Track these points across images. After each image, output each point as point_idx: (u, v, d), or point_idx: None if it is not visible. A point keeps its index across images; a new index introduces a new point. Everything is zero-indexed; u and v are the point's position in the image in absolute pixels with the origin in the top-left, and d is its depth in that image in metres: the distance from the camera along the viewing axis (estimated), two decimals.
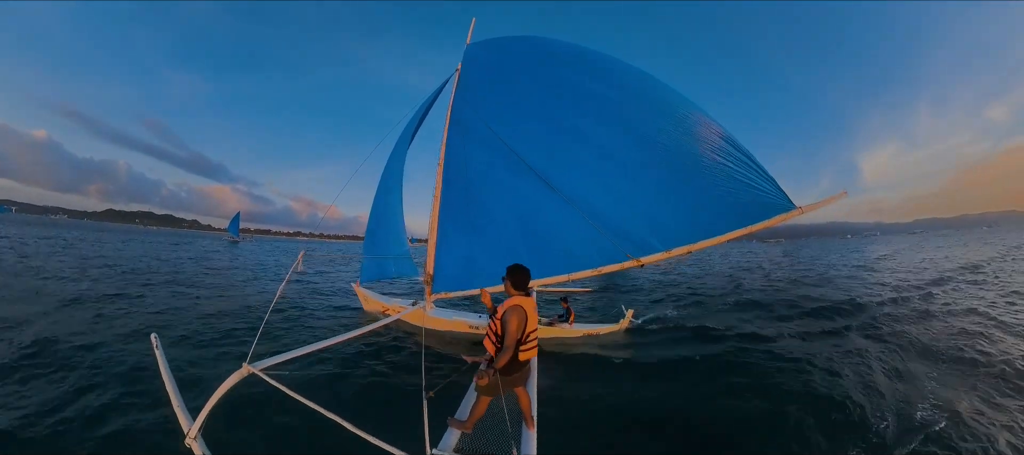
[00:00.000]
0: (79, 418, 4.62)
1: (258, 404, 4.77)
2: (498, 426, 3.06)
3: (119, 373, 5.79)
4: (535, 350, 3.14)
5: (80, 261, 19.01)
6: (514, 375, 3.03)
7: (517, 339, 2.90)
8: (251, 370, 2.58)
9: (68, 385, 5.38)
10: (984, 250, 34.27)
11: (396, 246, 9.27)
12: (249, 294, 13.14)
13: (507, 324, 2.88)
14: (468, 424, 3.07)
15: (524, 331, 2.93)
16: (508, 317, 2.88)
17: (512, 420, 2.98)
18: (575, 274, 5.41)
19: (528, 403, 3.21)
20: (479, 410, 3.06)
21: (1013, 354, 7.17)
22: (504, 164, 6.01)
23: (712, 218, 4.62)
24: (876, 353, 7.41)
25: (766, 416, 5.16)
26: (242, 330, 8.33)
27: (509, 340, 2.86)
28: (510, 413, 2.94)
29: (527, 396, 3.26)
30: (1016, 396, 5.66)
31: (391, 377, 6.21)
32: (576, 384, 6.09)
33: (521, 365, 3.08)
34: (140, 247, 33.55)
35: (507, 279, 3.13)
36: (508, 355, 2.86)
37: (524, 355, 3.02)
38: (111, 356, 6.41)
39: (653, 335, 9.06)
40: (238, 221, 68.54)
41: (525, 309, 2.93)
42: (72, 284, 12.47)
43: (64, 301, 9.93)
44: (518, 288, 3.07)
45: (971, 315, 10.26)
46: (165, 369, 3.02)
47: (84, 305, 9.73)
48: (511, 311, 2.89)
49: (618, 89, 5.64)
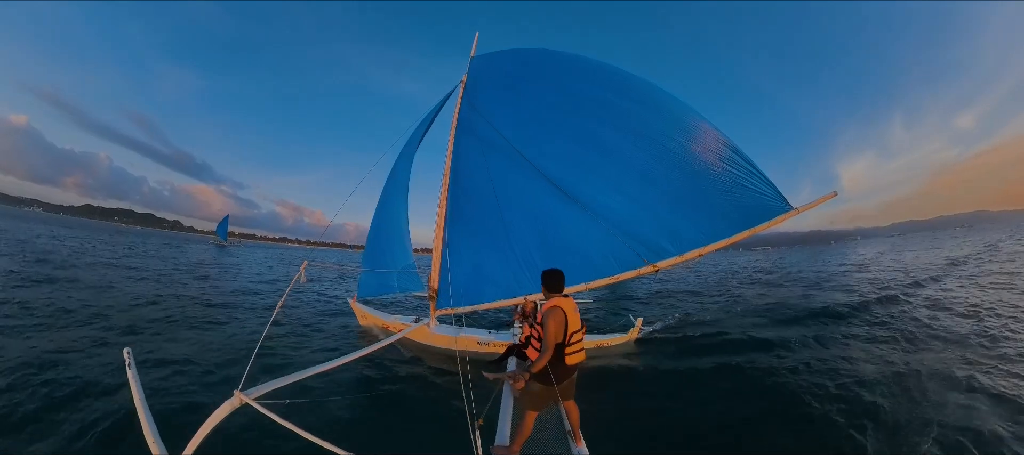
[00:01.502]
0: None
1: (254, 439, 4.22)
2: (543, 442, 2.85)
3: (83, 394, 5.18)
4: (582, 353, 3.00)
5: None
6: (563, 383, 2.88)
7: (558, 341, 2.81)
8: (244, 399, 2.24)
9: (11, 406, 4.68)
10: (963, 248, 35.61)
11: (401, 258, 8.91)
12: (248, 312, 12.54)
13: (546, 325, 2.80)
14: (515, 447, 2.86)
15: (566, 332, 2.82)
16: (547, 318, 2.82)
17: (557, 433, 2.77)
18: (593, 283, 5.35)
19: (577, 416, 3.04)
20: (526, 428, 2.86)
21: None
22: (519, 172, 5.99)
23: (720, 221, 4.76)
24: (884, 351, 7.51)
25: (786, 421, 5.16)
26: (236, 351, 7.84)
27: (549, 340, 2.77)
28: (554, 426, 2.73)
29: (577, 410, 3.08)
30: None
31: (403, 402, 5.87)
32: (595, 397, 5.89)
33: (569, 371, 2.94)
34: (126, 248, 32.05)
35: (543, 285, 3.08)
36: (547, 357, 2.76)
37: (571, 359, 2.89)
38: (76, 375, 5.74)
39: (664, 345, 8.97)
40: (227, 224, 66.36)
41: (565, 309, 2.85)
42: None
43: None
44: (553, 291, 3.02)
45: (964, 304, 10.48)
46: (138, 392, 2.57)
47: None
48: (550, 312, 2.85)
49: (628, 98, 5.74)
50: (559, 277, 3.05)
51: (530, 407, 2.86)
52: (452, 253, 6.77)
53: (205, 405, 5.07)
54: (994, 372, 6.26)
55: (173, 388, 5.81)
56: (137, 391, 2.57)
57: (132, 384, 2.63)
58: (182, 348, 7.68)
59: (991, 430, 4.61)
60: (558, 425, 3.11)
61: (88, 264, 18.53)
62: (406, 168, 8.69)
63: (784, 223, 4.55)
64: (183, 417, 4.86)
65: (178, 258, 27.74)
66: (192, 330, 9.04)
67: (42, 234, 34.61)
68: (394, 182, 8.82)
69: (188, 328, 9.19)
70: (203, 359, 7.15)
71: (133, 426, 4.03)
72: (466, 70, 7.72)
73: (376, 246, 9.14)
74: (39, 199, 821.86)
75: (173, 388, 5.81)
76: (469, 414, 2.59)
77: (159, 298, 12.33)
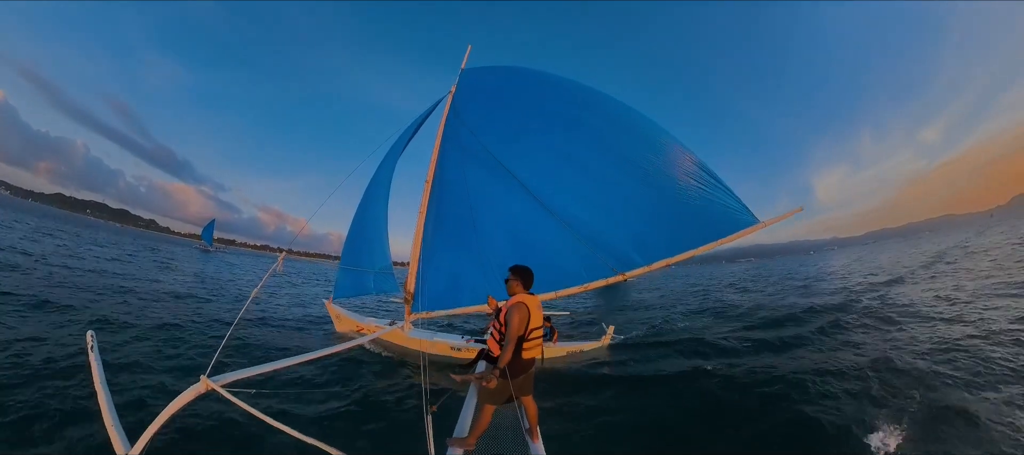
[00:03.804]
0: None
1: (217, 427, 4.21)
2: (501, 440, 2.95)
3: (42, 378, 5.00)
4: (539, 349, 3.12)
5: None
6: (520, 377, 2.98)
7: (520, 335, 2.90)
8: (211, 385, 2.20)
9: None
10: (930, 248, 37.34)
11: (379, 259, 8.93)
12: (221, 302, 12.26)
13: (510, 319, 2.88)
14: (470, 440, 2.97)
15: (527, 327, 2.93)
16: (511, 313, 2.89)
17: (515, 432, 2.88)
18: (563, 291, 5.57)
19: (535, 413, 3.13)
20: (483, 422, 2.96)
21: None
22: (498, 182, 6.20)
23: (688, 233, 5.05)
24: (848, 352, 7.87)
25: (743, 418, 5.43)
26: (205, 339, 7.69)
27: (511, 334, 2.85)
28: (512, 424, 2.84)
29: (535, 407, 3.18)
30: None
31: (370, 398, 5.96)
32: (563, 399, 6.11)
33: (526, 365, 3.05)
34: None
35: (512, 279, 3.16)
36: (510, 349, 2.84)
37: (528, 353, 3.01)
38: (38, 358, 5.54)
39: (634, 350, 9.24)
40: (213, 228, 63.12)
41: (528, 305, 2.96)
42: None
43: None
44: (520, 285, 3.12)
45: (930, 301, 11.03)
46: (99, 375, 2.52)
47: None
48: (514, 307, 2.92)
49: (603, 118, 6.04)
50: (529, 273, 3.16)
51: (487, 400, 2.95)
52: (430, 259, 6.89)
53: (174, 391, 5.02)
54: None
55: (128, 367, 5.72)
56: (98, 373, 2.54)
57: (93, 367, 2.58)
58: (148, 331, 7.54)
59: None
60: (516, 423, 3.19)
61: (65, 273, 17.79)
62: (389, 172, 8.74)
63: (764, 235, 4.87)
64: (150, 403, 4.76)
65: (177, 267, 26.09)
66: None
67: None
68: (377, 184, 8.85)
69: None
70: (167, 342, 7.05)
71: (93, 410, 3.93)
72: (455, 82, 7.87)
73: (355, 246, 9.11)
74: (7, 181, 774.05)
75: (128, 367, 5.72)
76: (425, 402, 2.67)
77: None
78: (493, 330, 3.17)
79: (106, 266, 17.38)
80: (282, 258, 5.25)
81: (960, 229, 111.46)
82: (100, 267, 16.62)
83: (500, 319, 3.06)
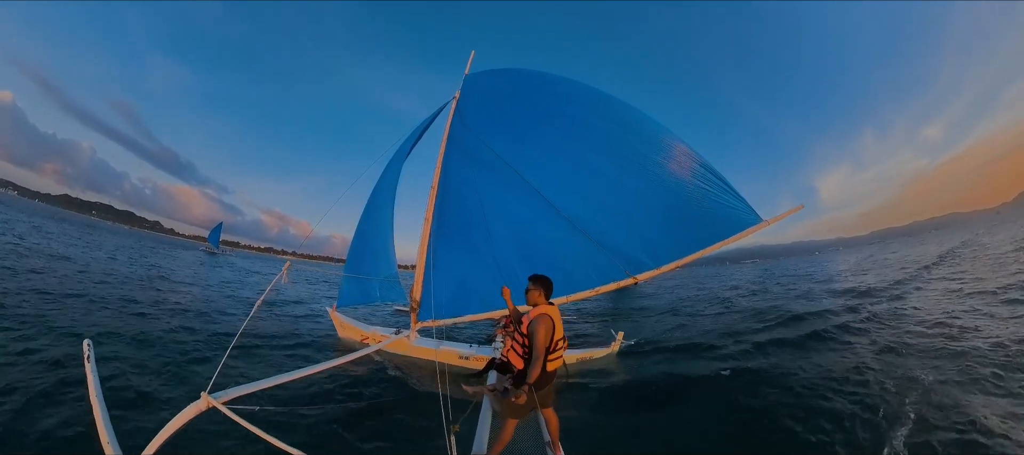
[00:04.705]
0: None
1: (218, 445, 4.03)
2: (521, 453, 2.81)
3: (36, 387, 4.82)
4: (561, 359, 3.01)
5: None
6: (543, 390, 2.88)
7: (546, 347, 2.78)
8: (212, 402, 2.14)
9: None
10: (934, 249, 36.79)
11: (384, 267, 8.79)
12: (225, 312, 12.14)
13: (535, 333, 2.76)
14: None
15: (552, 339, 2.82)
16: (536, 326, 2.77)
17: (535, 443, 2.73)
18: (575, 295, 5.42)
19: (556, 425, 3.03)
20: (506, 436, 2.86)
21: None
22: (505, 186, 6.11)
23: (696, 234, 4.97)
24: (863, 352, 7.68)
25: (762, 428, 5.23)
26: (207, 351, 7.52)
27: (538, 349, 2.73)
28: (532, 437, 2.70)
29: (556, 419, 3.07)
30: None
31: (378, 412, 5.77)
32: (577, 410, 5.90)
33: (550, 377, 2.95)
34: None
35: (533, 288, 3.04)
36: (539, 365, 2.72)
37: (552, 364, 2.91)
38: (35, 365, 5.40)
39: (645, 356, 9.04)
40: (219, 231, 62.92)
41: (553, 317, 2.85)
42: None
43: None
44: (542, 295, 3.01)
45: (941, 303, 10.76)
46: (95, 388, 2.39)
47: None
48: (538, 320, 2.79)
49: (609, 119, 5.96)
50: (549, 284, 3.05)
51: (511, 415, 2.85)
52: (436, 265, 6.78)
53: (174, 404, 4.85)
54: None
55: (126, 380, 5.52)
56: (94, 386, 2.41)
57: (89, 378, 2.46)
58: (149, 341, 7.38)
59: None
60: (536, 435, 3.08)
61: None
62: (394, 177, 8.66)
63: (769, 236, 4.77)
64: (147, 417, 4.61)
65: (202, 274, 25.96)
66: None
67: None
68: (381, 189, 8.76)
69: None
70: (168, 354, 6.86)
71: (88, 421, 3.80)
72: (459, 86, 7.83)
73: (359, 253, 9.00)
74: (15, 182, 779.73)
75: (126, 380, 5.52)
76: (446, 421, 2.54)
77: None
78: (513, 343, 3.02)
79: (110, 267, 17.35)
80: (287, 268, 5.02)
81: (968, 227, 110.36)
82: (105, 269, 16.57)
83: (523, 331, 2.93)
